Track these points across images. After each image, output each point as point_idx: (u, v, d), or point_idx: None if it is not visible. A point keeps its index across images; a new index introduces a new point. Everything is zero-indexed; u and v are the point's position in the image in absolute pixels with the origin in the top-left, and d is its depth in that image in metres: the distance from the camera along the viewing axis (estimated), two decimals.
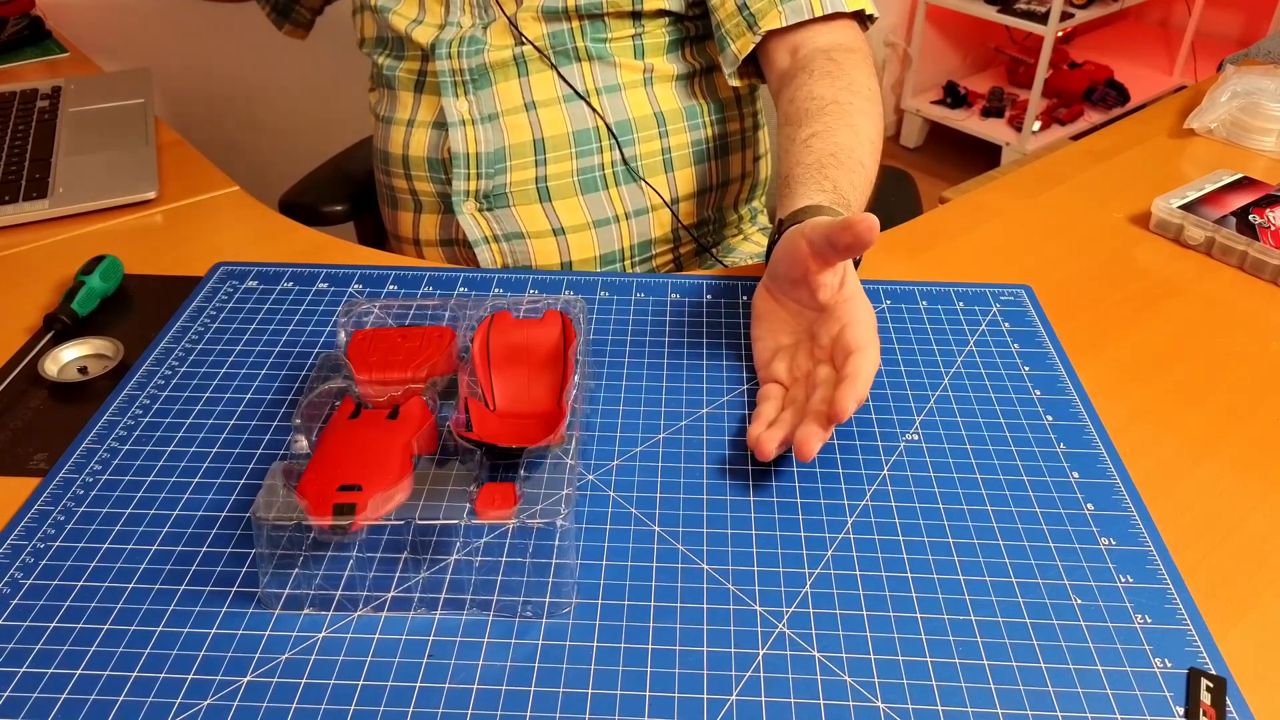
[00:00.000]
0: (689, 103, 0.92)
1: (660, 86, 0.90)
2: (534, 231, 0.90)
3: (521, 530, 0.52)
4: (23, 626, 0.50)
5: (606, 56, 0.88)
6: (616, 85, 0.88)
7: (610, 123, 0.88)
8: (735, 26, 0.84)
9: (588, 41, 0.87)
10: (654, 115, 0.90)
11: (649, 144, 0.90)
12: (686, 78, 0.91)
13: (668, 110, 0.90)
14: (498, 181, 0.89)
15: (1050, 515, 0.56)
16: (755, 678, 0.47)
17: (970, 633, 0.49)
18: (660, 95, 0.90)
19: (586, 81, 0.88)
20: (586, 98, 0.88)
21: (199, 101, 1.63)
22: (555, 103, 0.88)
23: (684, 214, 0.94)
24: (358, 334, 0.63)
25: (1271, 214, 0.80)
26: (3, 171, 0.92)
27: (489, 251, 0.91)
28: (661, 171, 0.92)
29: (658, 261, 0.96)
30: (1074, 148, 0.99)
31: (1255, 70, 1.02)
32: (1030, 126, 2.61)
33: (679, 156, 0.92)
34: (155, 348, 0.70)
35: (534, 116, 0.88)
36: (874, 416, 0.63)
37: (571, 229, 0.90)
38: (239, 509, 0.57)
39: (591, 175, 0.89)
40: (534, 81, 0.88)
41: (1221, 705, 0.46)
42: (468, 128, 0.88)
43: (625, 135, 0.89)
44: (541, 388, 0.62)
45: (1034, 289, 0.75)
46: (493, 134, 0.88)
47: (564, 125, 0.88)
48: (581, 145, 0.89)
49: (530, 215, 0.89)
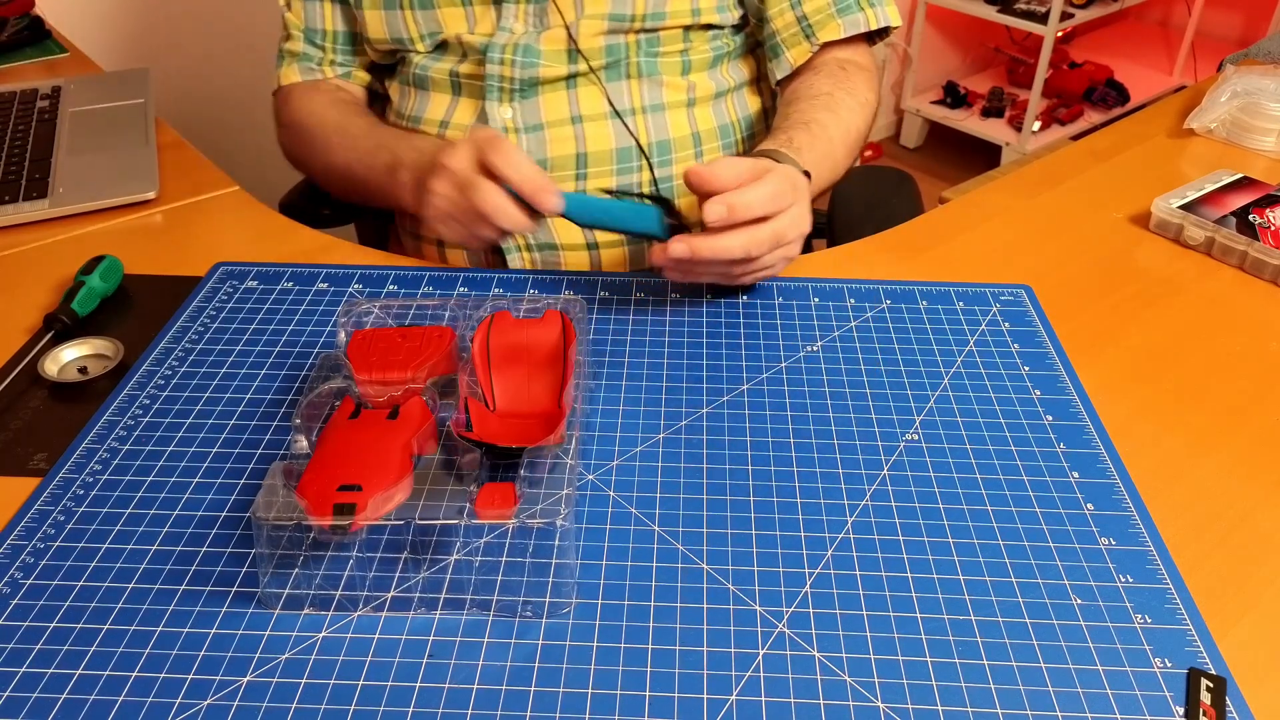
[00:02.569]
0: (723, 121, 0.93)
1: (700, 107, 0.91)
2: (567, 244, 0.90)
3: (521, 530, 0.52)
4: (23, 626, 0.50)
5: (655, 74, 0.88)
6: (661, 105, 0.89)
7: (652, 143, 0.89)
8: (792, 36, 0.89)
9: (641, 56, 0.87)
10: (691, 135, 0.91)
11: (685, 164, 0.91)
12: (721, 95, 0.93)
13: (704, 130, 0.92)
14: None
15: (1050, 515, 0.56)
16: (755, 678, 0.47)
17: (970, 633, 0.49)
18: (699, 115, 0.91)
19: (633, 99, 0.88)
20: (631, 116, 0.88)
21: (199, 101, 1.63)
22: (602, 119, 0.88)
23: None
24: (358, 334, 0.63)
25: (1271, 214, 0.80)
26: (3, 171, 0.92)
27: (520, 259, 0.91)
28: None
29: None
30: (1074, 148, 0.99)
31: (1255, 70, 1.02)
32: (1030, 126, 2.61)
33: None
34: (155, 348, 0.70)
35: (580, 130, 0.88)
36: (874, 417, 0.63)
37: (605, 244, 0.90)
38: (239, 509, 0.57)
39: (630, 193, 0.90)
40: (581, 95, 0.88)
41: (1221, 705, 0.46)
42: (510, 136, 0.87)
43: (664, 155, 0.90)
44: (541, 388, 0.62)
45: (1034, 289, 0.75)
46: (536, 145, 0.88)
47: (608, 142, 0.88)
48: (622, 163, 0.89)
49: (565, 227, 0.89)
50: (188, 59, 1.59)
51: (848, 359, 0.68)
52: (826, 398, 0.64)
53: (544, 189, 0.68)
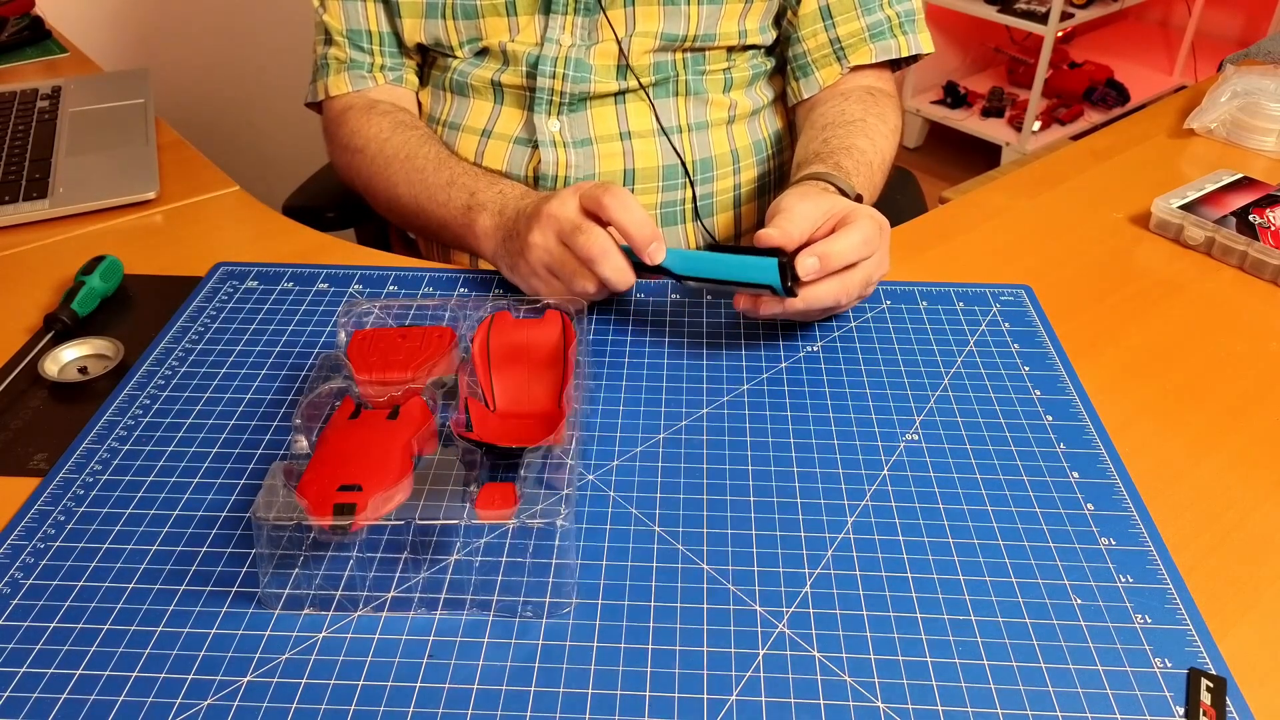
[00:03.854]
0: (756, 138, 0.93)
1: (738, 124, 0.92)
2: None
3: (521, 530, 0.52)
4: (23, 626, 0.50)
5: (701, 92, 0.88)
6: (705, 123, 0.89)
7: (695, 160, 0.89)
8: (824, 57, 0.89)
9: (688, 74, 0.87)
10: (730, 153, 0.91)
11: (724, 181, 0.92)
12: (756, 113, 0.93)
13: (741, 147, 0.92)
14: None
15: (1050, 515, 0.56)
16: (755, 678, 0.47)
17: (970, 633, 0.49)
18: (737, 133, 0.92)
19: (680, 117, 0.88)
20: (678, 134, 0.88)
21: (199, 101, 1.63)
22: (650, 135, 0.88)
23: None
24: (358, 334, 0.63)
25: (1271, 214, 0.80)
26: (3, 171, 0.92)
27: None
28: (731, 207, 0.93)
29: None
30: (1074, 148, 0.99)
31: (1255, 70, 1.02)
32: (1030, 126, 2.61)
33: (746, 192, 0.94)
34: (155, 348, 0.70)
35: (628, 146, 0.87)
36: (874, 417, 0.63)
37: None
38: (239, 509, 0.57)
39: (673, 209, 0.90)
40: (630, 111, 0.87)
41: (1221, 705, 0.46)
42: (559, 149, 0.87)
43: (706, 173, 0.90)
44: (541, 388, 0.62)
45: (1034, 289, 0.75)
46: (584, 159, 0.87)
47: (655, 159, 0.88)
48: (668, 180, 0.89)
49: None
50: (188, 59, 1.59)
51: (848, 359, 0.68)
52: (826, 398, 0.65)
53: (656, 238, 0.65)
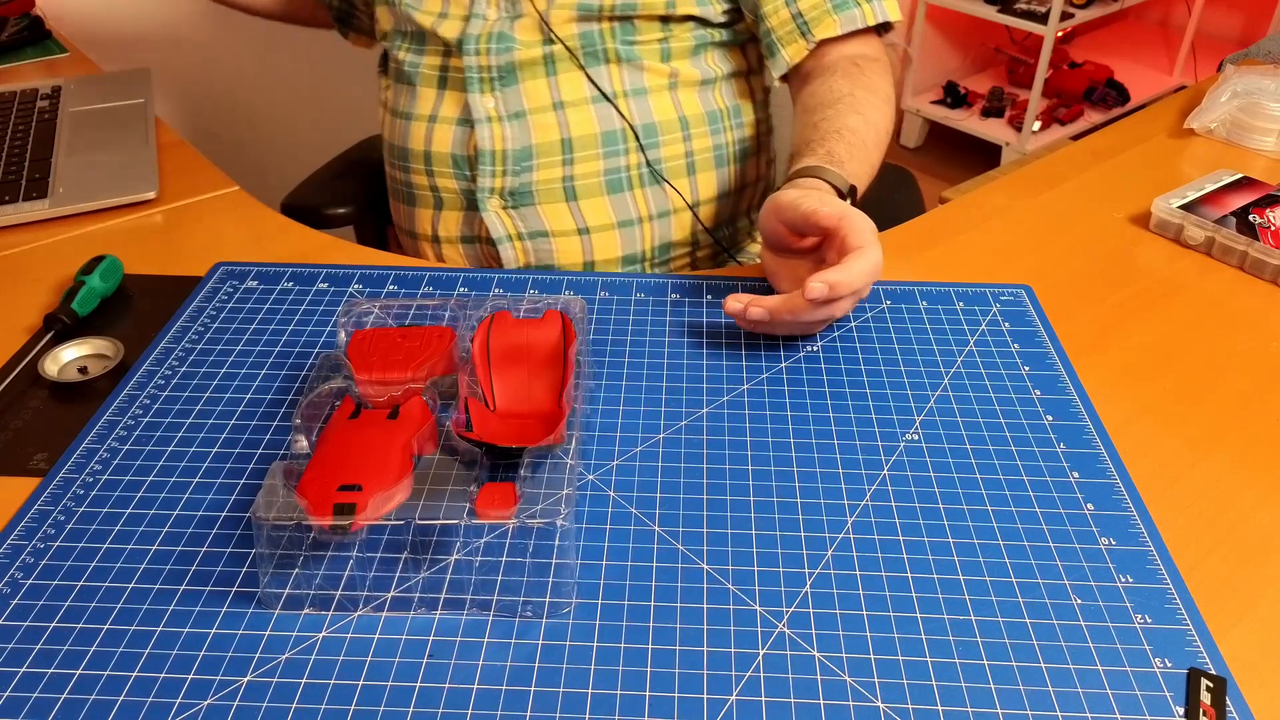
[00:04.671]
0: (710, 108, 0.93)
1: (684, 91, 0.91)
2: (559, 230, 0.90)
3: (521, 530, 0.52)
4: (23, 626, 0.50)
5: (635, 59, 0.88)
6: (643, 89, 0.89)
7: (637, 125, 0.89)
8: (788, 33, 0.88)
9: (617, 44, 0.87)
10: (678, 119, 0.91)
11: (672, 147, 0.91)
12: (709, 83, 0.93)
13: (691, 115, 0.91)
14: (524, 179, 0.89)
15: (1050, 515, 0.56)
16: (755, 678, 0.47)
17: (970, 633, 0.49)
18: (684, 100, 0.91)
19: (614, 83, 0.88)
20: (614, 100, 0.88)
21: (199, 101, 1.63)
22: (584, 103, 0.88)
23: (704, 217, 0.95)
24: (358, 334, 0.63)
25: (1271, 214, 0.80)
26: (3, 171, 0.92)
27: (512, 249, 0.91)
28: (684, 175, 0.93)
29: (675, 264, 0.96)
30: (1074, 148, 0.99)
31: (1255, 70, 1.02)
32: (1030, 126, 2.61)
33: (701, 160, 0.93)
34: (155, 348, 0.70)
35: (562, 116, 0.88)
36: (874, 417, 0.63)
37: (596, 229, 0.90)
38: (239, 509, 0.57)
39: (618, 176, 0.90)
40: (562, 81, 0.88)
41: (1221, 705, 0.46)
42: (494, 124, 0.88)
43: (650, 138, 0.90)
44: (541, 388, 0.62)
45: (1034, 289, 0.75)
46: (519, 131, 0.88)
47: (592, 126, 0.88)
48: (609, 146, 0.89)
49: (555, 214, 0.90)
50: (188, 59, 1.59)
51: (848, 359, 0.68)
52: (826, 398, 0.64)
53: None
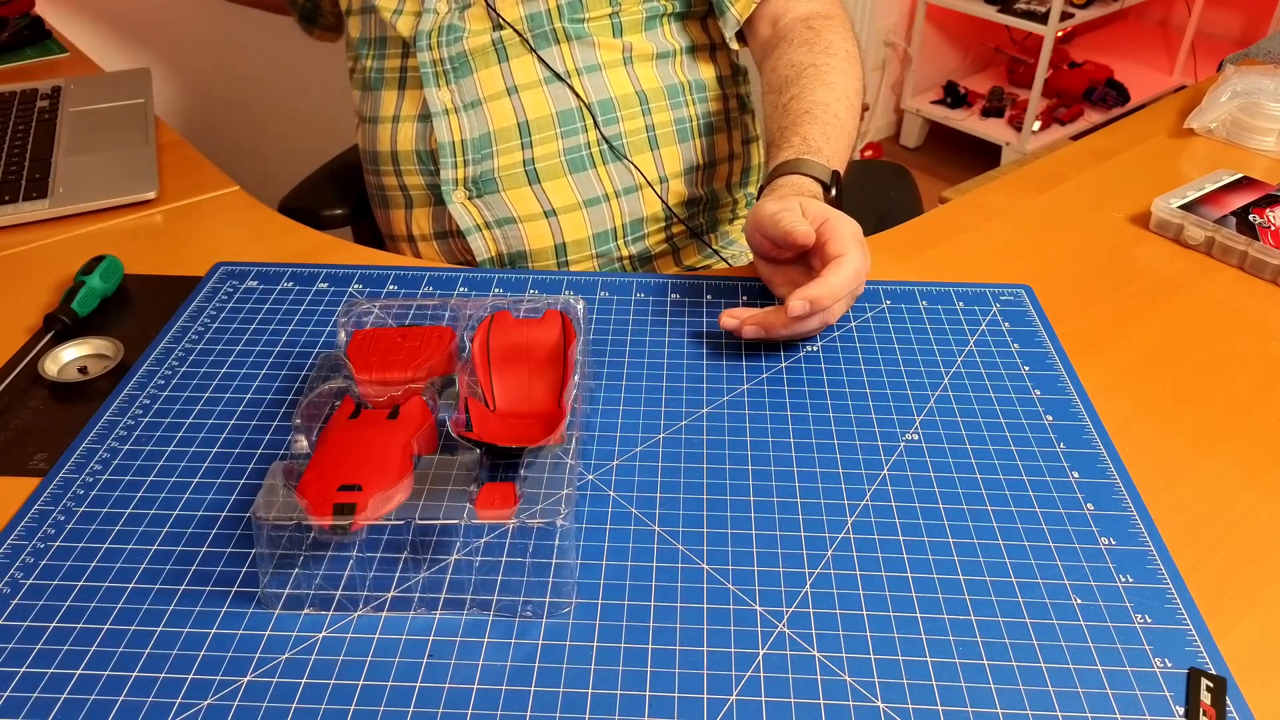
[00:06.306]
0: (670, 81, 0.92)
1: (640, 65, 0.91)
2: (525, 215, 0.90)
3: (521, 530, 0.52)
4: (23, 626, 0.50)
5: (585, 36, 0.88)
6: (597, 65, 0.89)
7: (592, 102, 0.89)
8: None
9: (565, 22, 0.87)
10: (636, 94, 0.91)
11: (633, 121, 0.91)
12: (666, 57, 0.92)
13: (649, 89, 0.91)
14: (485, 167, 0.89)
15: (1050, 515, 0.56)
16: (755, 678, 0.47)
17: (970, 633, 0.49)
18: (641, 74, 0.91)
19: (566, 62, 0.88)
20: (567, 79, 0.88)
21: (199, 101, 1.63)
22: (537, 85, 0.88)
23: (673, 192, 0.95)
24: (358, 334, 0.63)
25: (1271, 214, 0.80)
26: (3, 171, 0.92)
27: (482, 239, 0.91)
28: (647, 149, 0.92)
29: (650, 241, 0.96)
30: (1074, 148, 0.99)
31: (1255, 70, 1.02)
32: (1030, 126, 2.61)
33: (663, 134, 0.93)
34: (155, 348, 0.70)
35: (516, 100, 0.88)
36: (874, 416, 0.63)
37: (563, 209, 0.90)
38: (239, 509, 0.57)
39: (579, 154, 0.90)
40: (514, 66, 0.88)
41: (1221, 705, 0.46)
42: (451, 116, 0.88)
43: (608, 114, 0.90)
44: (541, 388, 0.62)
45: (1034, 289, 0.75)
46: (476, 120, 0.88)
47: (547, 107, 0.88)
48: (566, 125, 0.89)
49: (520, 199, 0.90)
50: (188, 59, 1.59)
51: (848, 359, 0.68)
52: (826, 398, 0.64)
53: None
